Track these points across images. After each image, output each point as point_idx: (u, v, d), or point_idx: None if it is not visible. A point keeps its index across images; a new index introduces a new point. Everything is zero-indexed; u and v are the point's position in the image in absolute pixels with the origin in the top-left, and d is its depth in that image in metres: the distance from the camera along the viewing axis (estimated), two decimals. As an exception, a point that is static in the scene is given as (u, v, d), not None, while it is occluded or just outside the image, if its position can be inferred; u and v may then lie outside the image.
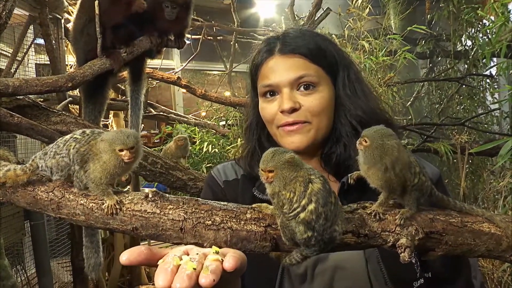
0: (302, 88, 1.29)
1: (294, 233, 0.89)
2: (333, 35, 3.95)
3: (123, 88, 4.38)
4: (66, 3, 3.18)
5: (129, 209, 0.96)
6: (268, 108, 1.34)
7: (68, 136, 1.01)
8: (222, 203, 0.99)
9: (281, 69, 1.30)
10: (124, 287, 4.95)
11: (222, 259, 0.80)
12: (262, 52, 1.37)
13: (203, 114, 5.96)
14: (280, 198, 0.91)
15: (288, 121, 1.29)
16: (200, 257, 0.80)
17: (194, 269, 0.77)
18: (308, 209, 0.87)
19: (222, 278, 0.78)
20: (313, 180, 0.90)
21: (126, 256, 0.81)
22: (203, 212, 0.95)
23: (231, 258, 0.79)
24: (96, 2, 1.75)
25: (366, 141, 0.97)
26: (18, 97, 1.83)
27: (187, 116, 5.36)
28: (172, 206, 0.96)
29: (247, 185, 1.38)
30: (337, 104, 1.34)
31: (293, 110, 1.28)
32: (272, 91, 1.33)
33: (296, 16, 4.80)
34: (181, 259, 0.80)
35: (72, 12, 3.01)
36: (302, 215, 0.87)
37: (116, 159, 0.97)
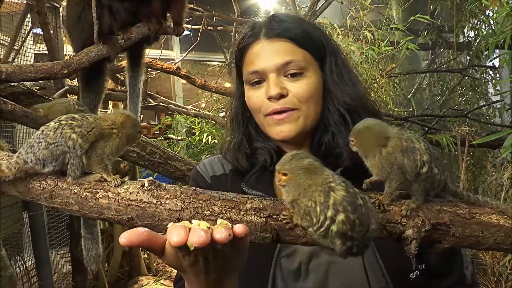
0: (289, 75, 1.24)
1: (330, 249, 0.85)
2: (335, 25, 3.91)
3: (123, 78, 4.35)
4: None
5: (125, 198, 0.93)
6: (255, 96, 1.28)
7: (55, 124, 0.97)
8: (221, 192, 0.96)
9: (267, 54, 1.25)
10: (123, 277, 4.96)
11: (232, 225, 0.78)
12: (247, 37, 1.31)
13: (203, 105, 5.93)
14: (300, 206, 0.87)
15: (276, 109, 1.23)
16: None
17: (208, 227, 0.75)
18: (339, 220, 0.81)
19: (229, 255, 0.77)
20: (335, 188, 0.84)
21: (126, 236, 0.75)
22: (201, 202, 0.92)
23: (240, 225, 0.78)
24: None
25: (353, 140, 0.98)
26: (12, 84, 1.80)
27: (187, 107, 5.34)
28: (169, 196, 0.93)
29: (235, 180, 1.33)
30: (325, 90, 1.29)
31: (281, 96, 1.23)
32: (259, 80, 1.27)
33: (297, 6, 4.74)
34: (190, 223, 0.78)
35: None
36: (334, 227, 0.82)
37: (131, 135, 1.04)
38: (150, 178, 0.94)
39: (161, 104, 4.93)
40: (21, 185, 0.99)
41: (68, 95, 3.24)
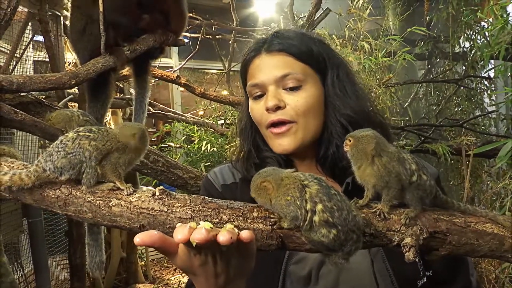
0: (288, 88, 1.28)
1: (322, 242, 0.89)
2: (333, 36, 3.97)
3: (121, 86, 4.38)
4: (65, 0, 3.17)
5: (137, 206, 0.97)
6: (256, 109, 1.33)
7: (73, 135, 1.02)
8: (229, 201, 1.00)
9: (266, 68, 1.30)
10: (120, 285, 4.95)
11: (238, 231, 0.83)
12: (249, 52, 1.37)
13: (201, 112, 5.96)
14: (278, 205, 0.93)
15: (273, 120, 1.27)
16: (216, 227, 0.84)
17: (211, 228, 0.80)
18: (318, 210, 0.88)
19: (236, 258, 0.82)
20: (308, 184, 0.92)
21: (140, 237, 0.82)
22: (210, 210, 0.96)
23: (247, 231, 0.83)
24: (101, 0, 1.74)
25: (350, 141, 1.03)
26: (21, 94, 1.83)
27: (185, 114, 5.36)
28: (179, 204, 0.96)
29: (246, 189, 1.36)
30: (327, 103, 1.32)
31: (278, 108, 1.27)
32: (261, 93, 1.32)
33: (295, 16, 4.80)
34: (198, 224, 0.83)
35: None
36: (316, 218, 0.88)
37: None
38: (161, 187, 0.98)
39: (160, 111, 4.96)
40: (36, 193, 1.03)
41: (68, 104, 3.27)
